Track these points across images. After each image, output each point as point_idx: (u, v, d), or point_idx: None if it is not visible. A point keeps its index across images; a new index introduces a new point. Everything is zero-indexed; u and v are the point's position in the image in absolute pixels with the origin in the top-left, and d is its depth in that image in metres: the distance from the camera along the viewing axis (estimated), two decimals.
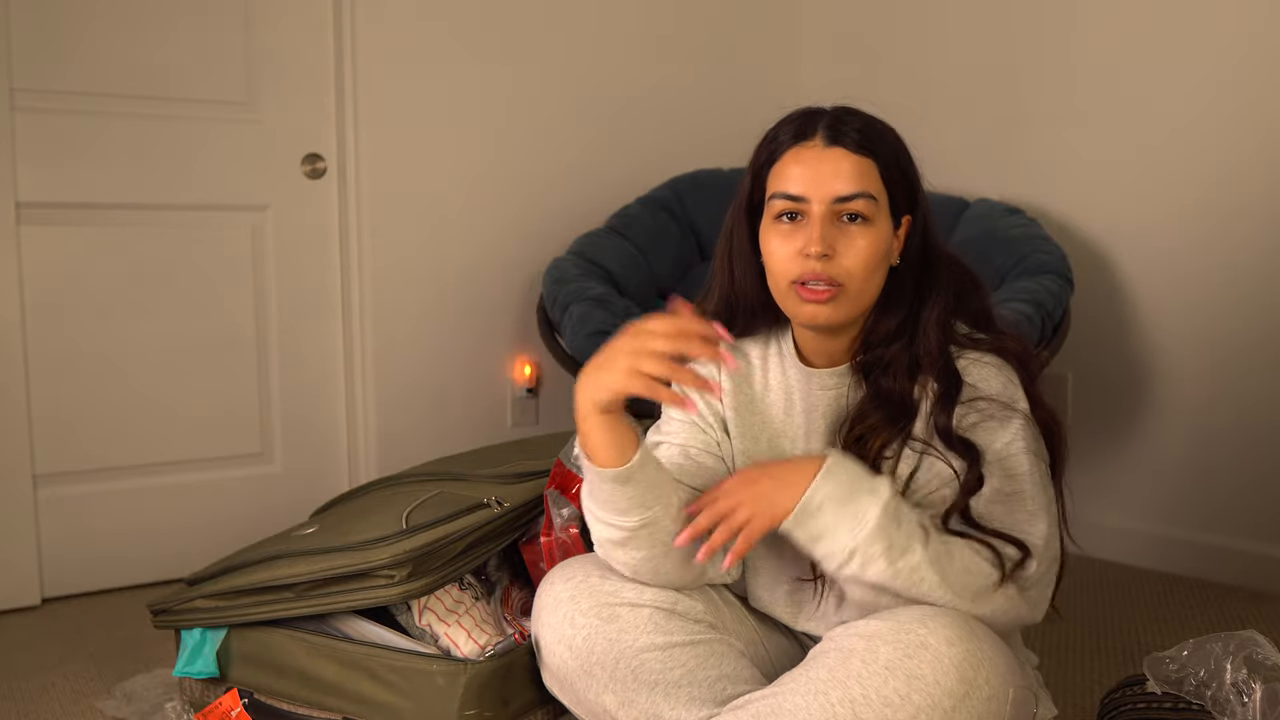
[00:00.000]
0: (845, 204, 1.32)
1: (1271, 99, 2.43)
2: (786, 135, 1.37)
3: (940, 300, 1.37)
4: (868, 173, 1.33)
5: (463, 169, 2.89)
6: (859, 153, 1.33)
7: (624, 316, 2.62)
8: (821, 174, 1.32)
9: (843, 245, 1.32)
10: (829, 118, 1.36)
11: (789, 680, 1.23)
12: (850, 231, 1.32)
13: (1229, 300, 2.52)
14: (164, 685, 1.89)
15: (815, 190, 1.32)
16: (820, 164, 1.32)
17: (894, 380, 1.35)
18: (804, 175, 1.33)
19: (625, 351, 1.21)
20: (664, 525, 1.31)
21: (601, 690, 1.31)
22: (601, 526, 1.33)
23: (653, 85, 3.16)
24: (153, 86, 2.55)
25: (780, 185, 1.35)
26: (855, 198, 1.32)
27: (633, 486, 1.28)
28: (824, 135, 1.34)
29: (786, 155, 1.35)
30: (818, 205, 1.32)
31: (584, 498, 1.35)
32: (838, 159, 1.32)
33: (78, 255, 2.51)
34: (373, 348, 2.80)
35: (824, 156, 1.33)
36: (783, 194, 1.34)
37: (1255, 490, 2.49)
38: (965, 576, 1.25)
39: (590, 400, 1.25)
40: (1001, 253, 2.61)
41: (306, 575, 1.57)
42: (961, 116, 2.99)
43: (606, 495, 1.30)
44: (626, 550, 1.33)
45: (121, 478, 2.58)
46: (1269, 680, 1.27)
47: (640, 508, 1.29)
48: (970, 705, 1.17)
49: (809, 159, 1.33)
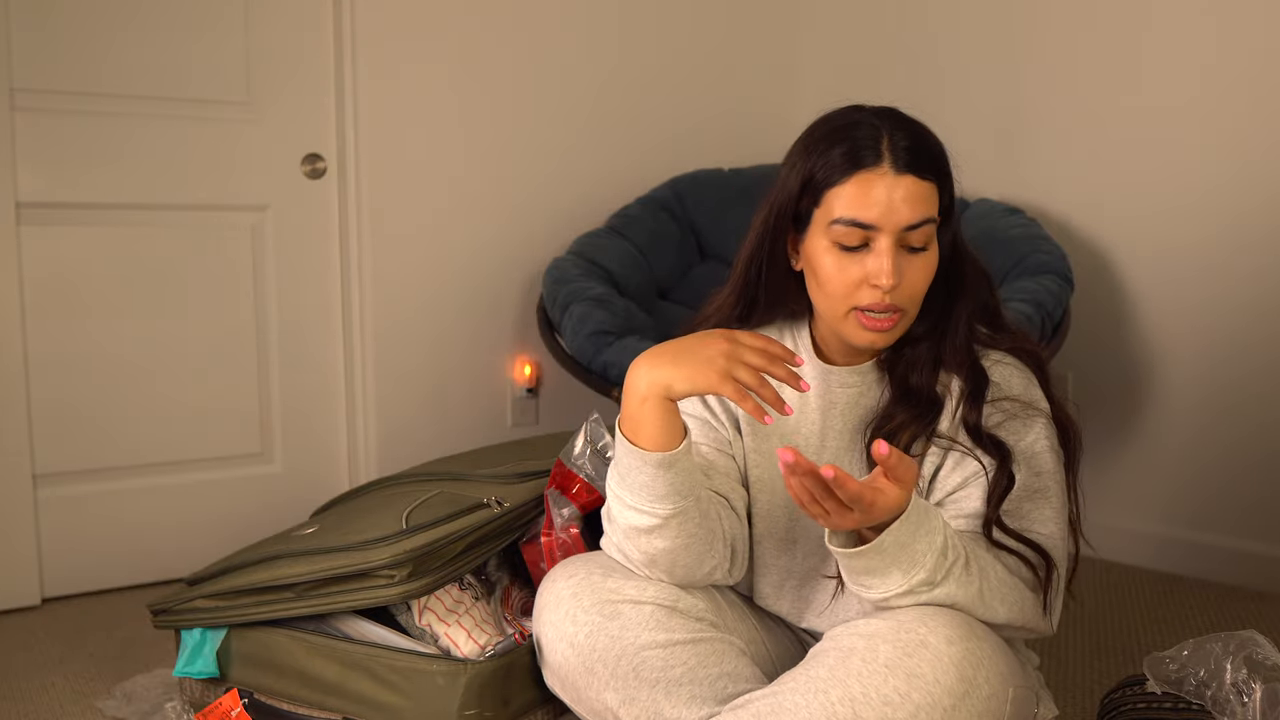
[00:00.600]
0: (912, 232, 1.30)
1: (1272, 99, 2.43)
2: (846, 154, 1.31)
3: (968, 299, 1.38)
4: (931, 197, 1.31)
5: (463, 169, 2.89)
6: (925, 178, 1.30)
7: (624, 316, 2.62)
8: (894, 203, 1.28)
9: (908, 272, 1.31)
10: (895, 138, 1.30)
11: (789, 679, 1.23)
12: (913, 259, 1.31)
13: (1229, 300, 2.52)
14: (164, 685, 1.89)
15: (887, 220, 1.29)
16: (892, 193, 1.28)
17: (920, 376, 1.36)
18: (876, 204, 1.28)
19: (723, 354, 1.22)
20: (693, 517, 1.32)
21: (603, 688, 1.31)
22: (632, 513, 1.32)
23: (653, 85, 3.16)
24: (153, 86, 2.55)
25: (848, 211, 1.30)
26: (923, 224, 1.30)
27: (675, 473, 1.28)
28: (892, 161, 1.29)
29: (851, 180, 1.30)
30: (886, 236, 1.29)
31: (612, 482, 1.34)
32: (909, 187, 1.29)
33: (78, 255, 2.51)
34: (373, 348, 2.80)
35: (896, 185, 1.28)
36: (852, 221, 1.29)
37: (1255, 490, 2.49)
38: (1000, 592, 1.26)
39: (663, 388, 1.25)
40: (1001, 253, 2.61)
41: (306, 575, 1.57)
42: (961, 116, 2.99)
43: (647, 479, 1.29)
44: (652, 538, 1.32)
45: (121, 478, 2.58)
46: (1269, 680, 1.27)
47: (677, 495, 1.29)
48: (970, 704, 1.17)
49: (881, 187, 1.28)
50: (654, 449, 1.27)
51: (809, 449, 1.43)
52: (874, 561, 1.20)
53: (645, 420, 1.26)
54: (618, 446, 1.31)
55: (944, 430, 1.35)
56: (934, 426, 1.35)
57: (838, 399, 1.42)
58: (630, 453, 1.29)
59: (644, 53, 3.15)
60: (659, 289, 2.96)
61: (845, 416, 1.41)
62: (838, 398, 1.42)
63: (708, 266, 3.03)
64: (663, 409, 1.26)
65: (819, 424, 1.43)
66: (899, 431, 1.34)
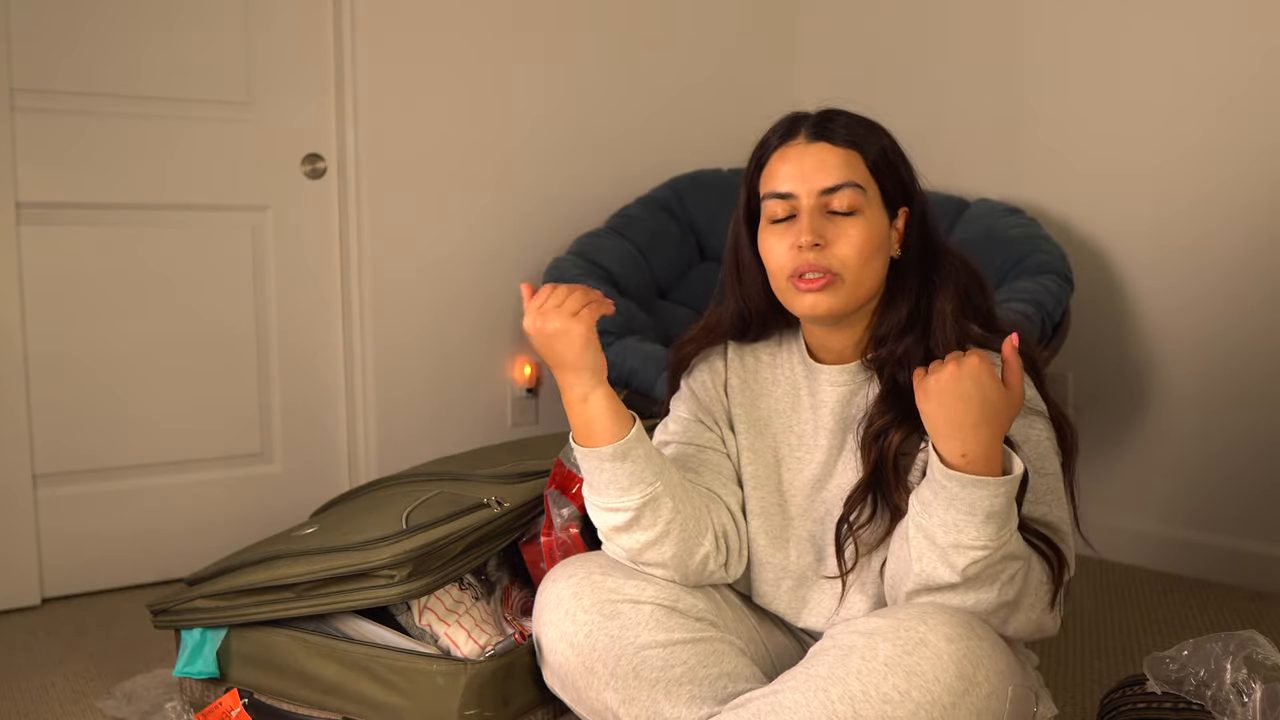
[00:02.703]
0: (832, 195, 1.34)
1: (1271, 99, 2.43)
2: (773, 139, 1.41)
3: (950, 291, 1.38)
4: (852, 164, 1.36)
5: (463, 169, 2.89)
6: (843, 145, 1.36)
7: (624, 316, 2.62)
8: (806, 169, 1.35)
9: (834, 235, 1.34)
10: (813, 117, 1.39)
11: (789, 678, 1.23)
12: (840, 222, 1.35)
13: (1228, 301, 2.52)
14: (164, 685, 1.89)
15: (801, 185, 1.35)
16: (804, 159, 1.36)
17: (909, 374, 1.36)
18: (790, 172, 1.36)
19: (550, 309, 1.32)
20: (665, 503, 1.34)
21: (603, 687, 1.31)
22: (607, 515, 1.35)
23: (653, 85, 3.16)
24: (153, 86, 2.55)
25: (769, 185, 1.38)
26: (841, 188, 1.34)
27: (632, 462, 1.33)
28: (807, 133, 1.38)
29: (773, 157, 1.39)
30: (805, 199, 1.35)
31: (586, 492, 1.38)
32: (821, 152, 1.36)
33: (78, 255, 2.51)
34: (373, 348, 2.80)
35: (807, 152, 1.36)
36: (772, 193, 1.37)
37: (1255, 490, 2.49)
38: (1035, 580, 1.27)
39: (571, 367, 1.34)
40: (1001, 253, 2.61)
41: (306, 575, 1.57)
42: (961, 117, 2.99)
43: (608, 476, 1.33)
44: (632, 534, 1.34)
45: (121, 478, 2.58)
46: (1269, 680, 1.27)
47: (641, 483, 1.33)
48: (969, 702, 1.17)
49: (793, 156, 1.37)
50: (606, 441, 1.33)
51: (803, 446, 1.44)
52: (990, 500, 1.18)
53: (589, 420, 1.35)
54: (577, 457, 1.37)
55: None
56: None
57: (828, 398, 1.43)
58: (585, 455, 1.35)
59: (644, 53, 3.15)
60: (659, 289, 2.96)
61: (835, 415, 1.42)
62: (828, 396, 1.43)
63: (707, 266, 3.03)
64: (586, 403, 1.34)
65: (811, 421, 1.44)
66: (889, 429, 1.34)
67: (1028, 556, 1.25)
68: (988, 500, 1.19)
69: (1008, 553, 1.21)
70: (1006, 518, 1.20)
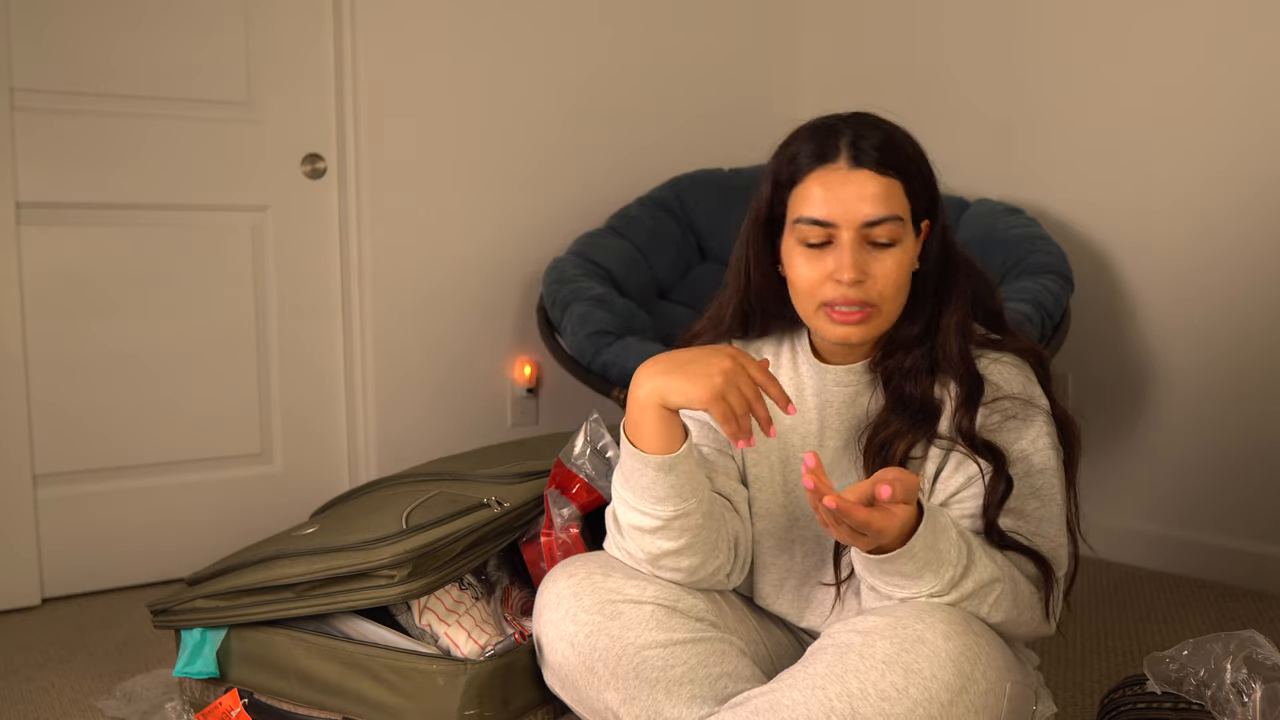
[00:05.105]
0: (873, 229, 1.31)
1: (1271, 99, 2.43)
2: (808, 154, 1.34)
3: (960, 304, 1.38)
4: (894, 194, 1.32)
5: (463, 169, 2.89)
6: (884, 173, 1.31)
7: (624, 316, 2.62)
8: (847, 199, 1.30)
9: (874, 268, 1.31)
10: (850, 134, 1.33)
11: (787, 676, 1.23)
12: (880, 254, 1.32)
13: (1228, 300, 2.52)
14: (164, 685, 1.89)
15: (843, 216, 1.30)
16: (845, 188, 1.30)
17: (915, 385, 1.36)
18: (830, 200, 1.31)
19: (722, 373, 1.23)
20: (695, 520, 1.33)
21: (603, 687, 1.31)
22: (634, 514, 1.34)
23: (654, 85, 3.16)
24: (153, 86, 2.55)
25: (805, 209, 1.33)
26: (883, 221, 1.31)
27: (675, 476, 1.30)
28: (847, 156, 1.31)
29: (810, 178, 1.33)
30: (846, 231, 1.31)
31: (617, 484, 1.36)
32: (863, 182, 1.31)
33: (78, 255, 2.51)
34: (373, 348, 2.80)
35: (849, 180, 1.31)
36: (809, 219, 1.32)
37: (1255, 490, 2.49)
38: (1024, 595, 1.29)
39: (660, 397, 1.27)
40: (1001, 253, 2.61)
41: (306, 575, 1.57)
42: (961, 116, 2.99)
43: (647, 482, 1.31)
44: (655, 538, 1.33)
45: (121, 478, 2.58)
46: (1269, 680, 1.27)
47: (677, 498, 1.31)
48: (967, 699, 1.17)
49: (834, 183, 1.31)
50: (655, 451, 1.29)
51: (807, 446, 1.44)
52: (906, 566, 1.22)
53: (645, 425, 1.29)
54: (621, 449, 1.33)
55: (944, 431, 1.35)
56: (931, 433, 1.35)
57: (833, 397, 1.43)
58: (632, 455, 1.31)
59: (644, 53, 3.15)
60: (659, 289, 2.96)
61: (841, 415, 1.42)
62: (833, 396, 1.43)
63: (708, 266, 3.03)
64: (660, 415, 1.28)
65: (817, 423, 1.44)
66: (895, 440, 1.34)
67: (1007, 577, 1.26)
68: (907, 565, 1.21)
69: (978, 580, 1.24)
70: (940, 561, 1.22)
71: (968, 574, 1.24)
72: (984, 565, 1.25)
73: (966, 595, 1.24)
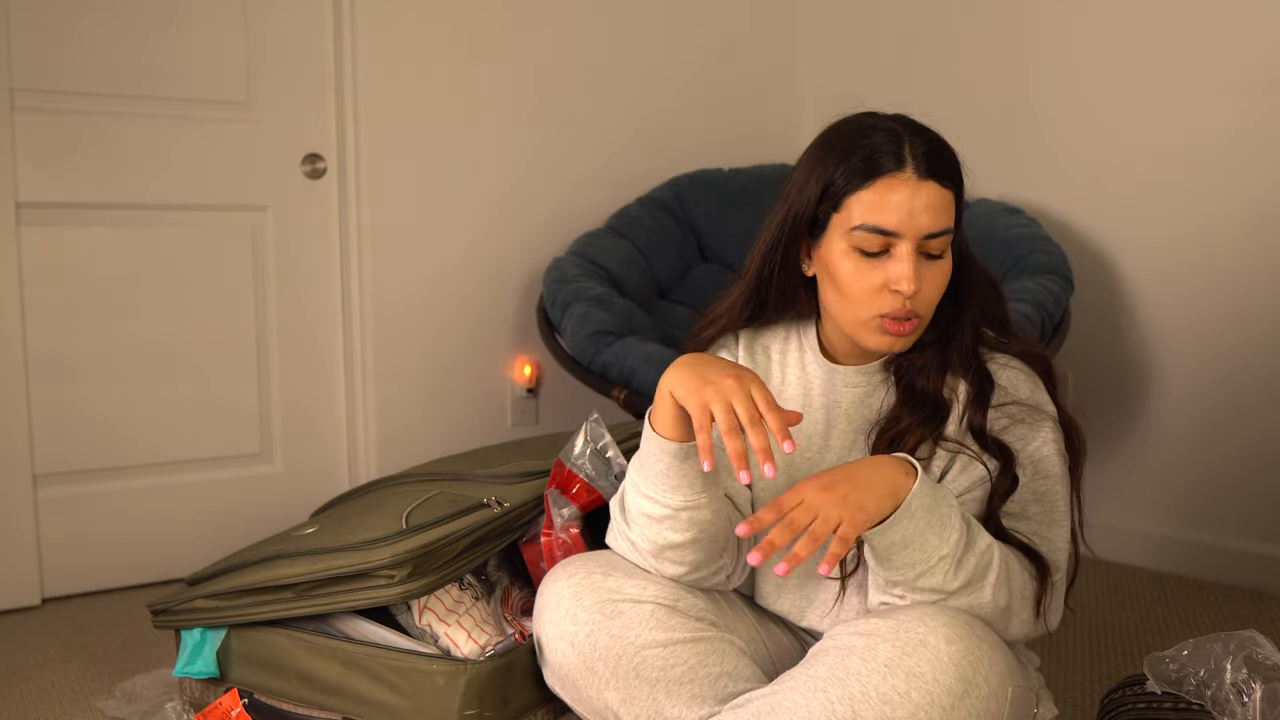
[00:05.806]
0: (930, 240, 1.30)
1: (1272, 98, 2.43)
2: (870, 161, 1.30)
3: (974, 306, 1.38)
4: (950, 206, 1.32)
5: (463, 168, 2.89)
6: (945, 185, 1.31)
7: (624, 316, 2.62)
8: (916, 210, 1.28)
9: (926, 279, 1.32)
10: (915, 144, 1.31)
11: (789, 678, 1.23)
12: (930, 265, 1.32)
13: (1228, 300, 2.52)
14: (164, 685, 1.89)
15: (909, 227, 1.29)
16: (915, 199, 1.28)
17: (928, 381, 1.36)
18: (899, 209, 1.28)
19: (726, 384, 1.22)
20: (704, 515, 1.33)
21: (604, 687, 1.31)
22: (645, 500, 1.34)
23: (654, 85, 3.16)
24: (153, 86, 2.55)
25: (869, 217, 1.29)
26: (942, 234, 1.31)
27: (689, 465, 1.30)
28: (914, 166, 1.29)
29: (876, 185, 1.29)
30: (909, 242, 1.29)
31: (632, 469, 1.36)
32: (931, 194, 1.29)
33: (78, 255, 2.51)
34: (373, 348, 2.80)
35: (918, 191, 1.29)
36: (874, 227, 1.29)
37: (1255, 490, 2.49)
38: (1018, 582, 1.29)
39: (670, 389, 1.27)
40: (1001, 253, 2.61)
41: (306, 575, 1.57)
42: (961, 116, 2.98)
43: (663, 468, 1.31)
44: (662, 528, 1.33)
45: (121, 478, 2.58)
46: (1269, 680, 1.27)
47: (689, 489, 1.31)
48: (969, 703, 1.17)
49: (904, 193, 1.29)
50: (675, 438, 1.29)
51: (812, 448, 1.43)
52: (908, 528, 1.21)
53: (663, 412, 1.29)
54: (644, 433, 1.34)
55: (951, 434, 1.35)
56: (941, 430, 1.35)
57: (842, 398, 1.42)
58: (650, 439, 1.32)
59: (644, 53, 3.15)
60: (659, 289, 2.96)
61: (850, 416, 1.42)
62: (842, 397, 1.42)
63: (707, 266, 3.03)
64: (675, 405, 1.28)
65: (823, 423, 1.43)
66: (906, 435, 1.34)
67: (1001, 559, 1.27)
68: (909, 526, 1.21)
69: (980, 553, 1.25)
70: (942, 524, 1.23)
71: (971, 544, 1.24)
72: (982, 536, 1.26)
73: (972, 572, 1.23)
